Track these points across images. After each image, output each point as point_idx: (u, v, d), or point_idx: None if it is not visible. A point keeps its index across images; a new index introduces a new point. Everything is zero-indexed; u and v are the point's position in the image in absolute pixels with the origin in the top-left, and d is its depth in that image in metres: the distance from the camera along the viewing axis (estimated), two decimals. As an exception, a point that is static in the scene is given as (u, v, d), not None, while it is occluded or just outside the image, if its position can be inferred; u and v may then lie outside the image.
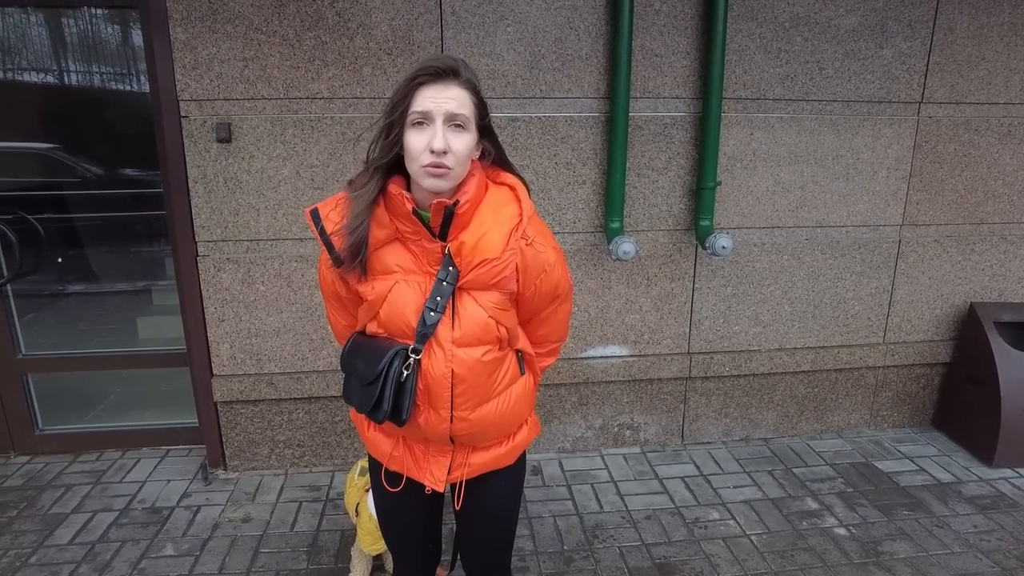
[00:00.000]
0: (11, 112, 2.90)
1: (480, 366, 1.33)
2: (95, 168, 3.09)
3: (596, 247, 2.90)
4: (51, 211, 3.06)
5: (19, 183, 2.99)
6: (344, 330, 1.50)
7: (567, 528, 2.62)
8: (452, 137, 1.22)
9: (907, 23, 2.86)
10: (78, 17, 2.82)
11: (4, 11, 2.75)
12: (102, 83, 2.93)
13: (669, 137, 2.83)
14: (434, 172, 1.22)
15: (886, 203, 3.07)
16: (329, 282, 1.42)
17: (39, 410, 3.16)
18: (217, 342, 2.81)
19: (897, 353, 3.27)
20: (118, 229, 3.18)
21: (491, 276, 1.30)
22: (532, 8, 2.62)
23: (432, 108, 1.20)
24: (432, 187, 1.24)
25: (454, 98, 1.22)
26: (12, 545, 2.50)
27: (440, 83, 1.21)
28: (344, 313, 1.48)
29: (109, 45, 2.88)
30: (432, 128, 1.21)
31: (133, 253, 3.25)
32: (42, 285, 3.17)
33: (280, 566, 2.41)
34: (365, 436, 1.52)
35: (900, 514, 2.71)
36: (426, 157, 1.21)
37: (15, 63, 2.84)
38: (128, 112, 2.95)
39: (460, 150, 1.23)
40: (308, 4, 2.52)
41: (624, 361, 3.05)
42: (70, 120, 2.97)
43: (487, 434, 1.42)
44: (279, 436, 2.96)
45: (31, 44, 2.83)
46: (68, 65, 2.89)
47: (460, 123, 1.23)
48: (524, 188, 1.36)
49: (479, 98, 1.27)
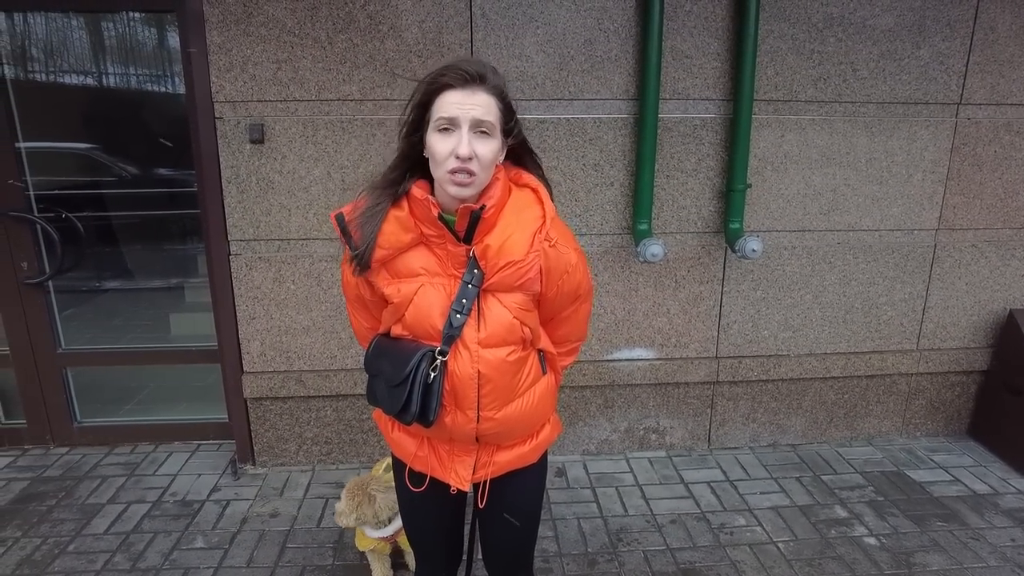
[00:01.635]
0: (52, 113, 2.99)
1: (505, 366, 1.34)
2: (132, 168, 3.17)
3: (623, 249, 2.88)
4: (90, 209, 3.15)
5: (60, 182, 3.07)
6: (367, 333, 1.51)
7: (591, 530, 2.61)
8: (477, 143, 1.22)
9: (946, 23, 2.79)
10: (117, 21, 2.90)
11: (47, 16, 2.83)
12: (139, 85, 3.00)
13: (699, 139, 2.80)
14: (458, 180, 1.23)
15: (921, 207, 3.00)
16: (353, 285, 1.43)
17: (77, 403, 3.26)
18: (248, 339, 2.86)
19: (931, 360, 3.19)
20: (153, 227, 3.26)
21: (516, 278, 1.30)
22: (561, 10, 2.62)
23: (459, 115, 1.21)
24: (457, 195, 1.25)
25: (480, 104, 1.22)
26: (51, 533, 2.58)
27: (467, 88, 1.22)
28: (367, 315, 1.49)
29: (146, 48, 2.96)
30: (458, 133, 1.21)
31: (167, 251, 3.33)
32: (80, 281, 3.26)
33: (307, 561, 2.45)
34: (390, 437, 1.53)
35: (933, 525, 2.65)
36: (451, 163, 1.22)
37: (57, 66, 2.93)
38: (163, 113, 3.03)
39: (485, 156, 1.24)
40: (340, 7, 2.55)
41: (651, 364, 3.03)
42: (108, 121, 3.05)
43: (512, 433, 1.42)
44: (307, 433, 3.01)
45: (72, 47, 2.92)
46: (106, 67, 2.97)
47: (486, 130, 1.23)
48: (546, 190, 1.37)
49: (505, 103, 1.28)
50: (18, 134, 2.88)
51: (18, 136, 2.89)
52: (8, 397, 3.25)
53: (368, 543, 2.21)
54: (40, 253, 3.03)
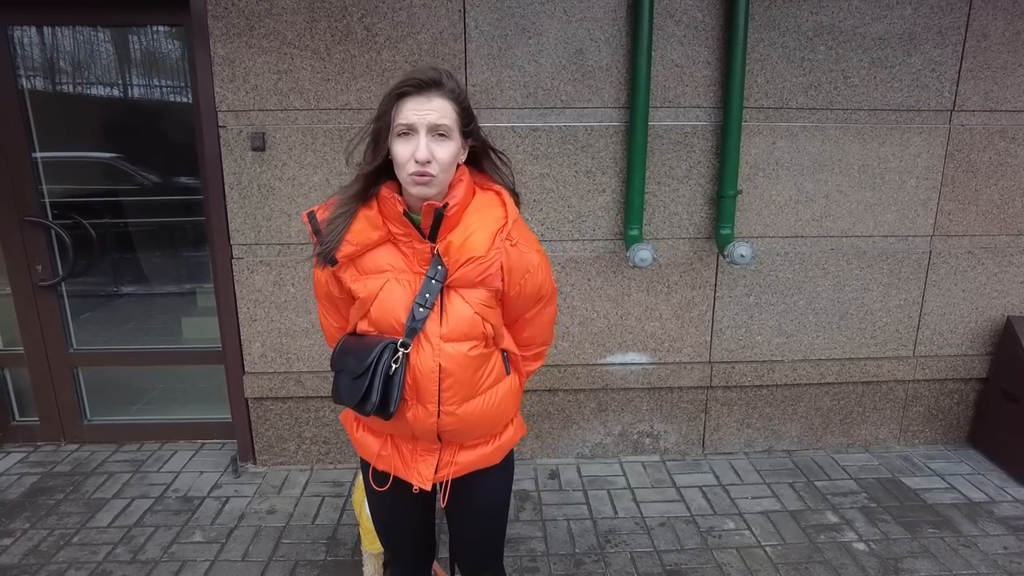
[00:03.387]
0: (67, 123, 3.11)
1: (467, 361, 1.38)
2: (144, 175, 3.28)
3: (616, 254, 2.93)
4: (102, 216, 3.25)
5: (73, 190, 3.19)
6: (335, 332, 1.55)
7: (580, 532, 2.65)
8: (435, 146, 1.29)
9: (937, 30, 2.81)
10: (128, 35, 3.02)
11: (61, 30, 2.96)
12: (148, 95, 3.12)
13: (690, 146, 2.84)
14: (419, 180, 1.29)
15: (915, 213, 3.01)
16: (323, 283, 1.47)
17: (88, 402, 3.37)
18: (249, 341, 2.94)
19: (928, 367, 3.18)
20: (165, 234, 3.36)
21: (477, 273, 1.36)
22: (553, 21, 2.69)
23: (415, 120, 1.27)
24: (419, 194, 1.32)
25: (436, 109, 1.28)
26: (58, 525, 2.67)
27: (423, 95, 1.28)
28: (335, 314, 1.53)
29: (157, 60, 3.07)
30: (416, 138, 1.28)
31: (179, 257, 3.43)
32: (95, 286, 3.37)
33: (300, 556, 2.51)
34: (354, 437, 1.56)
35: (925, 532, 2.64)
36: (412, 166, 1.28)
37: (71, 78, 3.06)
38: (176, 122, 3.14)
39: (443, 158, 1.30)
40: (338, 19, 2.65)
41: (644, 368, 3.06)
42: (120, 130, 3.16)
43: (473, 430, 1.46)
44: (306, 433, 3.08)
45: (85, 60, 3.04)
46: (118, 79, 3.09)
47: (443, 132, 1.29)
48: (510, 194, 1.44)
49: (463, 107, 1.34)
50: (35, 144, 3.01)
51: (35, 146, 3.01)
52: (22, 395, 3.37)
53: (379, 544, 2.24)
54: (54, 257, 3.15)
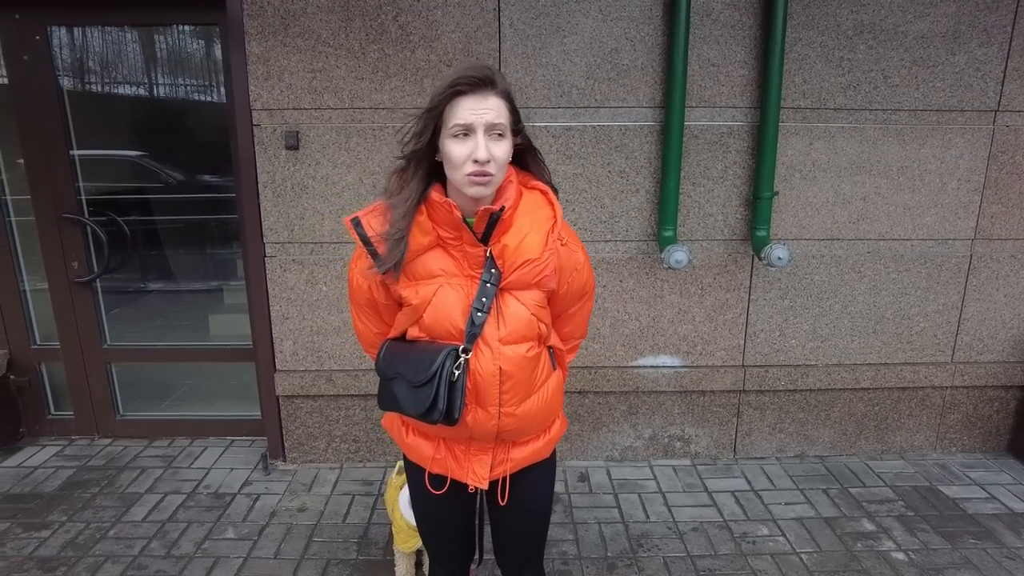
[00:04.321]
0: (103, 122, 3.15)
1: (525, 362, 1.38)
2: (177, 174, 3.32)
3: (648, 255, 2.90)
4: (136, 213, 3.30)
5: (109, 187, 3.23)
6: (375, 339, 1.52)
7: (612, 535, 2.62)
8: (493, 146, 1.28)
9: (982, 28, 2.74)
10: (165, 34, 3.05)
11: (99, 30, 2.99)
12: (184, 94, 3.15)
13: (725, 146, 2.81)
14: (478, 180, 1.28)
15: (956, 216, 2.94)
16: (364, 289, 1.45)
17: (120, 397, 3.41)
18: (281, 339, 2.96)
19: (967, 373, 3.11)
20: (195, 231, 3.40)
21: (533, 276, 1.36)
22: (589, 20, 2.66)
23: (473, 120, 1.26)
24: (476, 194, 1.31)
25: (492, 108, 1.27)
26: (94, 519, 2.71)
27: (478, 93, 1.27)
28: (377, 321, 1.51)
29: (191, 59, 3.10)
30: (474, 138, 1.27)
31: (207, 254, 3.46)
32: (125, 282, 3.41)
33: (331, 555, 2.51)
34: (404, 443, 1.54)
35: (966, 542, 2.57)
36: (469, 166, 1.27)
37: (109, 77, 3.09)
38: (206, 121, 3.16)
39: (501, 157, 1.29)
40: (373, 18, 2.65)
41: (676, 372, 3.03)
42: (154, 128, 3.20)
43: (530, 428, 1.46)
44: (336, 431, 3.09)
45: (122, 59, 3.07)
46: (154, 78, 3.12)
47: (500, 132, 1.29)
48: (554, 192, 1.43)
49: (513, 105, 1.33)
50: (72, 142, 3.05)
51: (72, 144, 3.05)
52: (56, 390, 3.42)
53: (414, 543, 2.24)
54: (89, 253, 3.19)
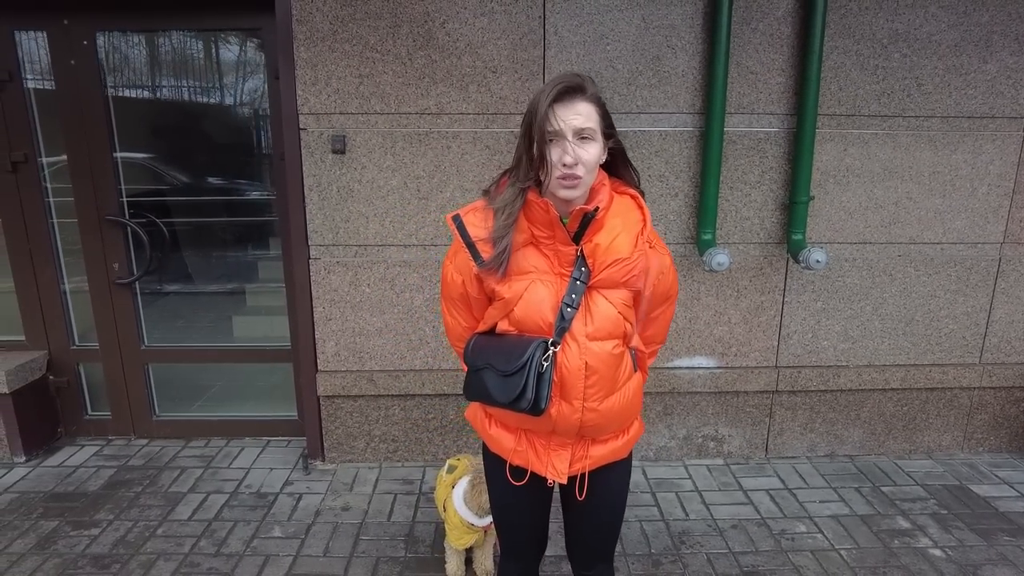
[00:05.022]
0: (144, 125, 3.19)
1: (610, 359, 1.43)
2: (206, 178, 3.33)
3: (686, 258, 2.95)
4: (168, 215, 3.32)
5: (147, 189, 3.27)
6: (463, 332, 1.59)
7: (653, 533, 2.67)
8: (580, 149, 1.35)
9: (1014, 37, 2.81)
10: (215, 39, 3.08)
11: (144, 36, 3.03)
12: (222, 99, 3.19)
13: (763, 152, 2.87)
14: (567, 183, 1.36)
15: (986, 220, 3.01)
16: (458, 284, 1.52)
17: (156, 397, 3.44)
18: (323, 339, 3.00)
19: (995, 375, 3.18)
20: (234, 233, 3.43)
21: (622, 275, 1.41)
22: (631, 27, 2.72)
23: (562, 126, 1.34)
24: (566, 196, 1.38)
25: (581, 113, 1.35)
26: (140, 517, 2.74)
27: (567, 101, 1.35)
28: (467, 315, 1.58)
29: (233, 63, 3.14)
30: (563, 143, 1.34)
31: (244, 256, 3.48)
32: (152, 283, 3.41)
33: (380, 553, 2.55)
34: (487, 434, 1.61)
35: (1000, 539, 2.63)
36: (559, 169, 1.35)
37: (153, 81, 3.13)
38: (247, 125, 3.20)
39: (588, 160, 1.36)
40: (420, 25, 2.70)
41: (711, 373, 3.08)
42: (191, 132, 3.23)
43: (610, 425, 1.50)
44: (375, 431, 3.13)
45: (166, 64, 3.11)
46: (197, 82, 3.16)
47: (587, 135, 1.36)
48: (643, 198, 1.49)
49: (604, 109, 1.41)
50: (115, 144, 3.09)
51: (115, 146, 3.09)
52: (93, 390, 3.44)
53: (468, 539, 2.29)
54: (129, 255, 3.23)
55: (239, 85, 3.17)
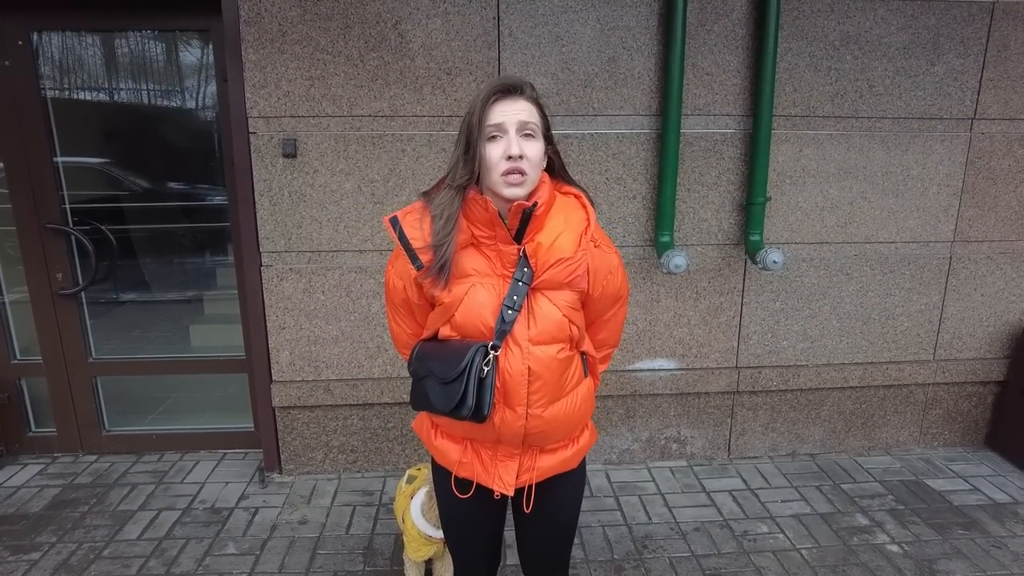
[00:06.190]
0: (86, 129, 3.07)
1: (555, 363, 1.39)
2: (162, 182, 3.23)
3: (645, 260, 2.94)
4: (116, 222, 3.20)
5: (89, 196, 3.14)
6: (408, 339, 1.55)
7: (616, 538, 2.65)
8: (525, 144, 1.33)
9: (959, 40, 2.87)
10: (163, 40, 2.98)
11: (84, 35, 2.92)
12: (169, 101, 3.08)
13: (719, 153, 2.87)
14: (512, 180, 1.33)
15: (937, 219, 3.06)
16: (400, 289, 1.48)
17: (105, 411, 3.31)
18: (277, 349, 2.91)
19: (948, 370, 3.24)
20: (182, 240, 3.32)
21: (565, 275, 1.38)
22: (587, 29, 2.70)
23: (505, 120, 1.33)
24: (511, 195, 1.34)
25: (523, 109, 1.35)
26: (86, 538, 2.62)
27: (510, 98, 1.35)
28: (410, 321, 1.53)
29: (180, 65, 3.04)
30: (507, 138, 1.33)
31: (197, 264, 3.38)
32: (103, 293, 3.29)
33: (338, 567, 2.49)
34: (432, 446, 1.56)
35: (955, 533, 2.68)
36: (503, 165, 1.32)
37: (92, 83, 3.01)
38: (193, 129, 3.10)
39: (533, 155, 1.34)
40: (372, 26, 2.64)
41: (672, 374, 3.08)
42: (135, 135, 3.11)
43: (556, 433, 1.46)
44: (333, 441, 3.05)
45: (107, 65, 3.00)
46: (139, 84, 3.04)
47: (530, 131, 1.35)
48: (587, 197, 1.47)
49: (544, 113, 1.40)
50: (56, 149, 2.97)
51: (56, 151, 2.97)
52: (37, 405, 3.30)
53: (426, 552, 2.23)
54: (74, 264, 3.10)
55: (191, 88, 3.06)
